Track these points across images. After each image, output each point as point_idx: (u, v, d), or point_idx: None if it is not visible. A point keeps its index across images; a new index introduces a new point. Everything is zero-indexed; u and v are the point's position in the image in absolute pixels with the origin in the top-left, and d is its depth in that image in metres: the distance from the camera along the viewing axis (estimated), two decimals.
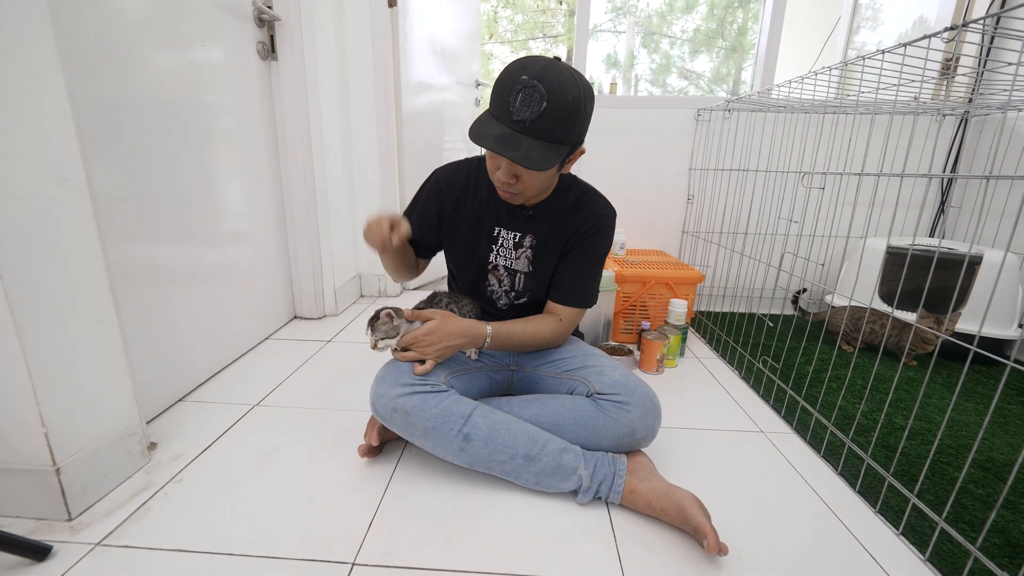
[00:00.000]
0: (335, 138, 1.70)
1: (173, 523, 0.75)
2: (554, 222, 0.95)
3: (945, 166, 1.77)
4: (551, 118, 0.73)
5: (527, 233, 0.95)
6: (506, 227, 0.96)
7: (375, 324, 0.86)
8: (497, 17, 6.84)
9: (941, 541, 0.74)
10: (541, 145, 0.75)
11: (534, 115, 0.73)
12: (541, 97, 0.72)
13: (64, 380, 0.73)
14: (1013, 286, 1.40)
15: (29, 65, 0.66)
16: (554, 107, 0.72)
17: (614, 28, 5.88)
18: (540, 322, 0.96)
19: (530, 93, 0.72)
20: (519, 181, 0.82)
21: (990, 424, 1.12)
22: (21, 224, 0.66)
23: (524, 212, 0.94)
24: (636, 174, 1.90)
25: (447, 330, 0.86)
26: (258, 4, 1.36)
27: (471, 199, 0.96)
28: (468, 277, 1.01)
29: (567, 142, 0.78)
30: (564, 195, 0.95)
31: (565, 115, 0.74)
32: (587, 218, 0.94)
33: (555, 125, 0.74)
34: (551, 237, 0.95)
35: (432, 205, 0.97)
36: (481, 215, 0.96)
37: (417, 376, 0.84)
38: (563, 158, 0.79)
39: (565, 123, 0.75)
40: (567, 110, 0.74)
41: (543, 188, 0.88)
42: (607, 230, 0.96)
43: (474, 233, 0.97)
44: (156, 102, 1.02)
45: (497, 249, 0.97)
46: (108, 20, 0.90)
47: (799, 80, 1.17)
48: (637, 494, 0.78)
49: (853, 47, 2.66)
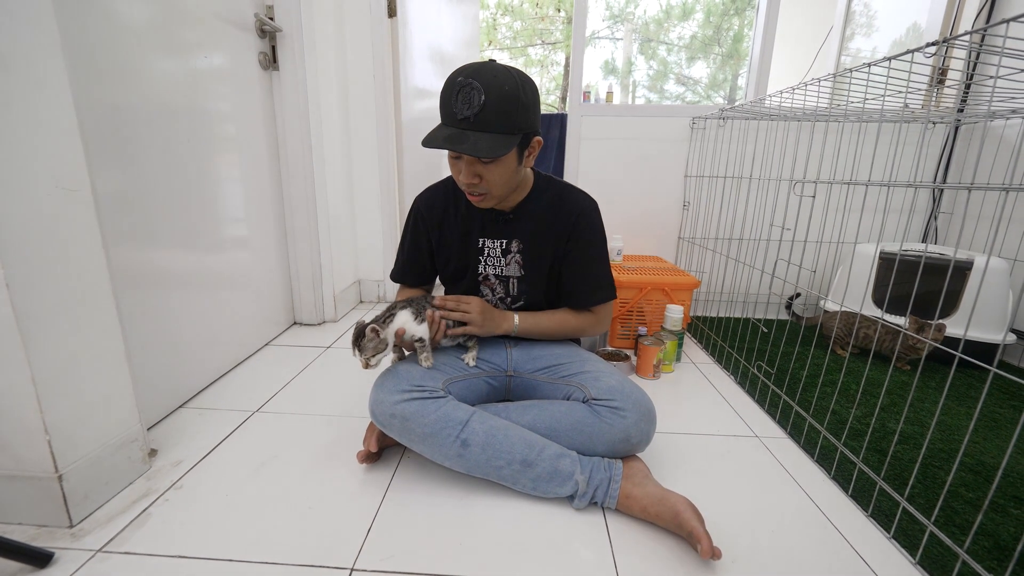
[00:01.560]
0: (335, 145, 1.72)
1: (174, 529, 0.76)
2: (537, 224, 0.97)
3: (936, 173, 1.80)
4: (492, 110, 0.78)
5: (512, 238, 0.98)
6: (490, 236, 0.99)
7: (361, 343, 0.85)
8: (496, 24, 6.90)
9: (931, 544, 0.75)
10: (488, 136, 0.79)
11: (475, 109, 0.78)
12: (478, 92, 0.77)
13: (68, 388, 0.74)
14: (1003, 291, 1.42)
15: (38, 79, 0.67)
16: (492, 99, 0.78)
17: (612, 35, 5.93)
18: (568, 314, 1.02)
19: (468, 91, 0.78)
20: (482, 180, 0.85)
21: (982, 428, 1.13)
22: (27, 234, 0.68)
23: (504, 217, 0.97)
24: (633, 181, 1.93)
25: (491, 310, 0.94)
26: (260, 15, 1.38)
27: (452, 216, 1.00)
28: (460, 291, 1.03)
29: (515, 131, 0.81)
30: (542, 195, 0.98)
31: (505, 105, 0.79)
32: (569, 215, 0.97)
33: (497, 116, 0.79)
34: (538, 239, 0.98)
35: (420, 234, 1.03)
36: (465, 229, 0.99)
37: (415, 383, 0.85)
38: (515, 146, 0.82)
39: (507, 113, 0.79)
40: (506, 100, 0.79)
41: (509, 184, 0.89)
42: (593, 221, 0.99)
43: (461, 248, 1.00)
44: (159, 111, 1.04)
45: (484, 260, 0.99)
46: (113, 30, 0.92)
47: (790, 90, 1.19)
48: (632, 499, 0.79)
49: (848, 53, 2.70)
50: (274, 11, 1.44)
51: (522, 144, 0.86)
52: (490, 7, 6.72)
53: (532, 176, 0.99)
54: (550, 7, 6.77)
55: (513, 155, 0.85)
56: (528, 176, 0.98)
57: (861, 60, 2.68)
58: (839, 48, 2.65)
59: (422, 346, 0.90)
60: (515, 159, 0.86)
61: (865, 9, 2.67)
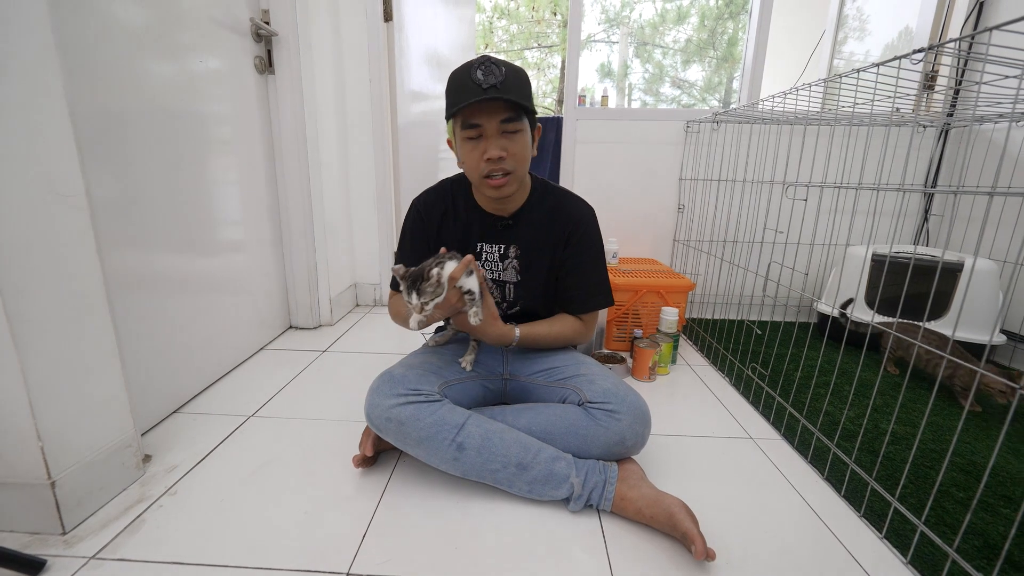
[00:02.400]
0: (331, 149, 1.73)
1: (168, 536, 0.76)
2: (535, 230, 0.98)
3: (927, 176, 1.82)
4: (512, 83, 0.83)
5: (510, 244, 0.98)
6: (488, 241, 0.99)
7: (420, 286, 0.78)
8: (492, 27, 6.92)
9: (922, 544, 0.76)
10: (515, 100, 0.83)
11: (501, 78, 0.82)
12: (499, 66, 0.83)
13: (61, 394, 0.74)
14: (992, 292, 1.43)
15: (33, 86, 0.68)
16: (511, 74, 0.83)
17: (608, 38, 5.96)
18: (562, 322, 1.02)
19: (488, 65, 0.83)
20: (508, 155, 0.86)
21: (974, 428, 1.14)
22: (21, 240, 0.67)
23: (503, 222, 0.98)
24: (628, 184, 1.94)
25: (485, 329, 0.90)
26: (256, 20, 1.38)
27: (451, 220, 1.00)
28: None
29: (531, 106, 0.86)
30: (540, 202, 0.99)
31: (521, 81, 0.85)
32: (567, 223, 0.98)
33: (517, 88, 0.84)
34: (535, 245, 0.98)
35: (420, 234, 1.01)
36: (463, 233, 0.99)
37: (411, 387, 0.85)
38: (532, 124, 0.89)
39: (523, 88, 0.85)
40: (519, 75, 0.85)
41: (527, 165, 0.92)
42: (591, 229, 1.00)
43: (459, 251, 0.98)
44: (155, 115, 1.04)
45: (482, 264, 1.00)
46: (109, 34, 0.92)
47: (782, 95, 1.20)
48: (627, 501, 0.80)
49: (841, 57, 2.72)
50: (270, 15, 1.44)
51: (532, 125, 0.90)
52: (486, 10, 6.75)
53: (530, 182, 1.00)
54: (546, 10, 6.80)
55: (529, 131, 0.89)
56: (527, 182, 0.99)
57: (854, 63, 2.71)
58: (831, 52, 2.68)
59: (472, 300, 0.83)
60: (530, 136, 0.90)
61: (858, 13, 2.70)
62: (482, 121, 0.84)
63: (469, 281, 0.82)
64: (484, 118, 0.84)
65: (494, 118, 0.84)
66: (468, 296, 0.83)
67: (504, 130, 0.85)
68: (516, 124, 0.85)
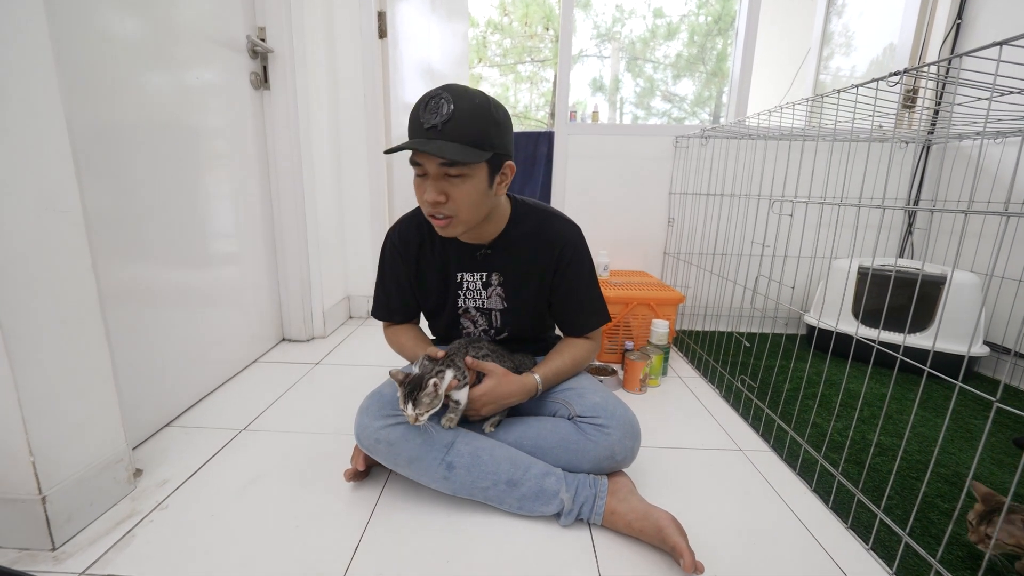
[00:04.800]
0: (325, 163, 1.74)
1: (158, 551, 0.76)
2: (518, 256, 0.94)
3: (910, 190, 1.86)
4: (461, 120, 0.75)
5: (492, 271, 0.95)
6: (468, 270, 0.95)
7: (418, 397, 0.77)
8: (486, 42, 7.02)
9: (907, 555, 0.77)
10: (456, 145, 0.75)
11: (444, 118, 0.74)
12: (447, 102, 0.75)
13: (54, 409, 0.74)
14: (975, 305, 1.47)
15: (31, 102, 0.69)
16: (462, 109, 0.75)
17: (599, 53, 6.06)
18: (576, 348, 0.99)
19: (436, 101, 0.75)
20: (448, 200, 0.80)
21: (959, 439, 1.16)
22: (16, 255, 0.68)
23: (482, 251, 0.94)
24: (619, 197, 1.97)
25: (504, 391, 0.87)
26: (252, 37, 1.41)
27: (428, 250, 0.96)
28: (441, 323, 1.03)
29: (485, 147, 0.78)
30: (520, 225, 0.94)
31: (475, 116, 0.76)
32: (553, 248, 0.94)
33: (467, 126, 0.75)
34: (520, 270, 0.95)
35: (399, 267, 0.98)
36: (442, 263, 0.96)
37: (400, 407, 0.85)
38: (486, 164, 0.79)
39: (476, 124, 0.76)
40: (476, 111, 0.76)
41: (478, 209, 0.83)
42: (579, 250, 0.96)
43: (440, 282, 0.98)
44: (151, 130, 1.05)
45: (464, 293, 0.97)
46: (106, 51, 0.94)
47: (767, 113, 1.24)
48: (617, 515, 0.80)
49: (827, 72, 2.79)
50: (266, 32, 1.46)
51: (493, 166, 0.81)
52: (480, 25, 6.85)
53: (509, 207, 0.94)
54: (539, 25, 6.91)
55: (483, 174, 0.80)
56: (503, 207, 0.93)
57: (840, 78, 2.78)
58: (817, 67, 2.75)
59: (455, 407, 0.85)
60: (485, 180, 0.80)
61: (844, 30, 2.77)
62: (422, 160, 0.78)
63: (460, 394, 0.84)
64: (424, 158, 0.78)
65: (433, 160, 0.77)
66: (453, 404, 0.85)
67: (446, 173, 0.78)
68: (459, 169, 0.77)
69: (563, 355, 0.98)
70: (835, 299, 1.65)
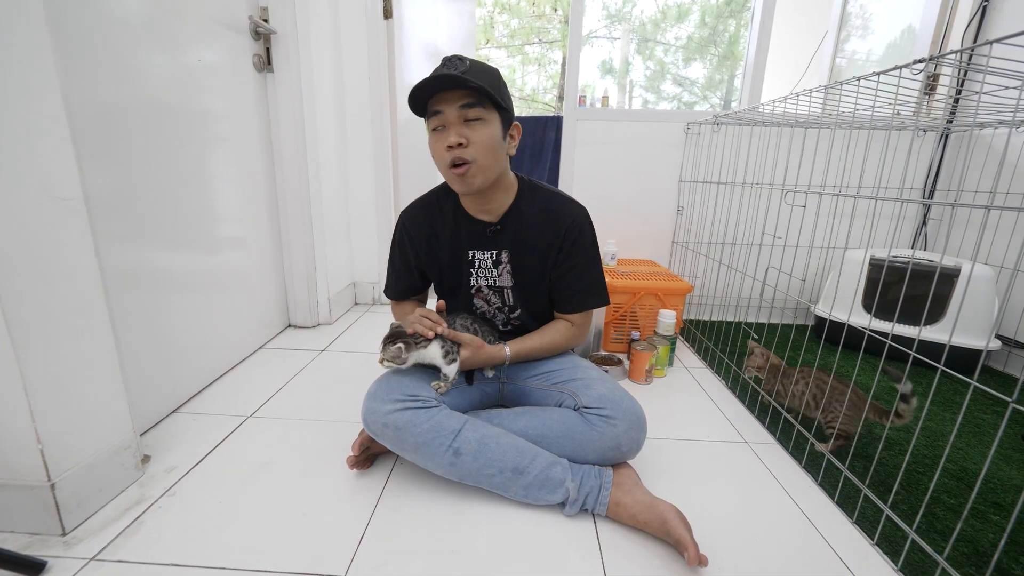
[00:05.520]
0: (330, 146, 1.72)
1: (167, 537, 0.77)
2: (524, 233, 0.96)
3: (927, 180, 1.82)
4: (476, 73, 0.81)
5: (502, 249, 0.98)
6: (479, 248, 0.98)
7: (387, 346, 0.87)
8: (493, 22, 6.87)
9: (913, 551, 0.77)
10: (479, 83, 0.80)
11: (464, 68, 0.80)
12: (463, 60, 0.82)
13: (61, 396, 0.75)
14: (989, 298, 1.44)
15: (30, 87, 0.67)
16: (476, 66, 0.82)
17: (609, 35, 5.93)
18: (553, 331, 1.02)
19: (452, 59, 0.82)
20: (469, 144, 0.83)
21: (966, 435, 1.16)
22: (19, 243, 0.68)
23: (492, 228, 0.96)
24: (628, 185, 1.94)
25: (478, 359, 0.93)
26: (254, 18, 1.38)
27: (440, 230, 0.99)
28: (457, 303, 1.04)
29: (500, 97, 0.83)
30: (528, 204, 0.97)
31: (487, 73, 0.83)
32: (559, 227, 0.96)
33: (484, 75, 0.82)
34: (526, 249, 0.97)
35: (408, 250, 1.03)
36: (454, 243, 0.99)
37: (408, 392, 0.85)
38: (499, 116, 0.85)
39: (490, 79, 0.82)
40: (488, 69, 0.84)
41: (495, 159, 0.87)
42: (585, 230, 0.98)
43: (452, 261, 1.00)
44: (153, 113, 1.04)
45: (476, 272, 1.00)
46: (106, 32, 0.92)
47: (782, 100, 1.20)
48: (622, 506, 0.81)
49: (843, 55, 2.71)
50: (268, 13, 1.43)
51: (505, 121, 0.87)
52: (487, 5, 6.70)
53: (516, 181, 0.98)
54: (547, 6, 6.75)
55: (498, 123, 0.85)
56: (512, 179, 0.97)
57: (856, 62, 2.70)
58: (834, 50, 2.67)
59: (445, 378, 0.90)
60: (499, 130, 0.86)
61: (861, 11, 2.68)
62: (442, 107, 0.82)
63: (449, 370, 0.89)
64: (444, 104, 0.82)
65: (453, 104, 0.82)
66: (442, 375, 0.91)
67: (465, 117, 0.82)
68: (477, 111, 0.82)
69: (538, 335, 1.02)
70: (846, 291, 1.63)
